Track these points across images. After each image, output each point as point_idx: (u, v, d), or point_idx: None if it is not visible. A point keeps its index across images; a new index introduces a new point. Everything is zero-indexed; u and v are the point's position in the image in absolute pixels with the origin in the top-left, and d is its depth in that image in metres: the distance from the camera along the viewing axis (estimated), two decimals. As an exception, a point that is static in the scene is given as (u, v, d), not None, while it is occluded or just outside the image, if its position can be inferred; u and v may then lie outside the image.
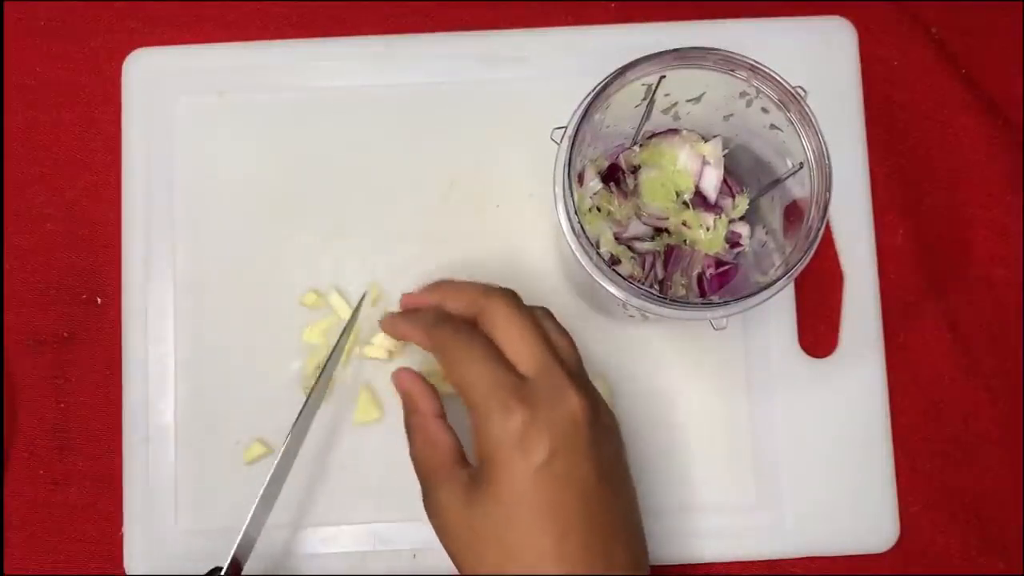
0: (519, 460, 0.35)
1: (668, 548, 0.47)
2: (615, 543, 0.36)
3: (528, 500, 0.35)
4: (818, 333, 0.49)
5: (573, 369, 0.39)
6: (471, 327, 0.39)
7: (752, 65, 0.39)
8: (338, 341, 0.46)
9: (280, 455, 0.43)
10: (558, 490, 0.35)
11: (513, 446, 0.35)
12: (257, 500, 0.42)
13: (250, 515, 0.42)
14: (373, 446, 0.48)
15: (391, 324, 0.43)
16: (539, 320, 0.39)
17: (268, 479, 0.43)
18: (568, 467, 0.35)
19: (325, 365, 0.45)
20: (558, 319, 0.41)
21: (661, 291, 0.45)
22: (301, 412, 0.44)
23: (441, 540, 0.38)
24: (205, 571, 0.42)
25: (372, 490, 0.48)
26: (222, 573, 0.41)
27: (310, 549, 0.47)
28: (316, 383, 0.44)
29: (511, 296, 0.39)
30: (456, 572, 0.47)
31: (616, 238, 0.45)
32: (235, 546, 0.42)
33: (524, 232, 0.49)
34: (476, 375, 0.37)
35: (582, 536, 0.35)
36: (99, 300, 0.50)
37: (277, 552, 0.47)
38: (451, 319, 0.40)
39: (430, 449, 0.39)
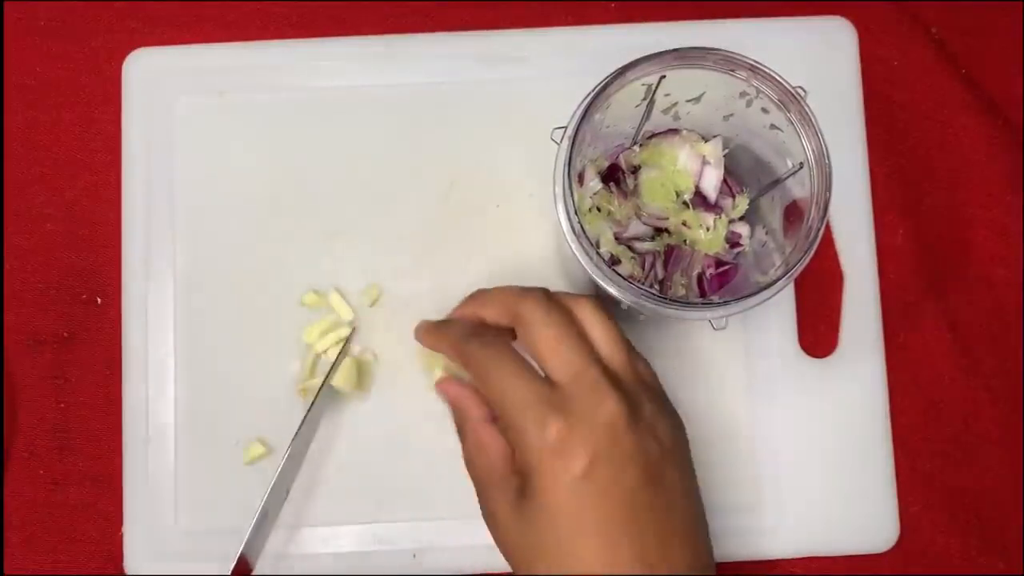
0: (559, 471, 0.34)
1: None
2: (670, 546, 0.35)
3: (572, 511, 0.34)
4: (818, 333, 0.49)
5: (614, 366, 0.37)
6: (500, 339, 0.38)
7: (752, 65, 0.39)
8: (340, 353, 0.46)
9: (284, 460, 0.43)
10: (602, 499, 0.34)
11: (552, 457, 0.34)
12: (261, 503, 0.43)
13: (255, 518, 0.42)
14: (373, 446, 0.48)
15: (424, 333, 0.42)
16: (578, 316, 0.38)
17: (272, 483, 0.43)
18: (610, 474, 0.34)
19: (322, 385, 0.45)
20: (602, 309, 0.39)
21: (661, 291, 0.45)
22: (304, 419, 0.44)
23: (496, 543, 0.38)
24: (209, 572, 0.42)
25: (372, 490, 0.48)
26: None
27: (310, 549, 0.47)
28: (319, 393, 0.45)
29: (543, 298, 0.38)
30: (457, 572, 0.47)
31: (616, 238, 0.45)
32: (242, 545, 0.42)
33: (524, 232, 0.49)
34: (508, 390, 0.36)
35: (632, 544, 0.34)
36: (99, 300, 0.50)
37: (277, 552, 0.47)
38: (479, 332, 0.39)
39: (482, 455, 0.38)
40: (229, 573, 0.41)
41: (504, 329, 0.39)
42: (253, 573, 0.43)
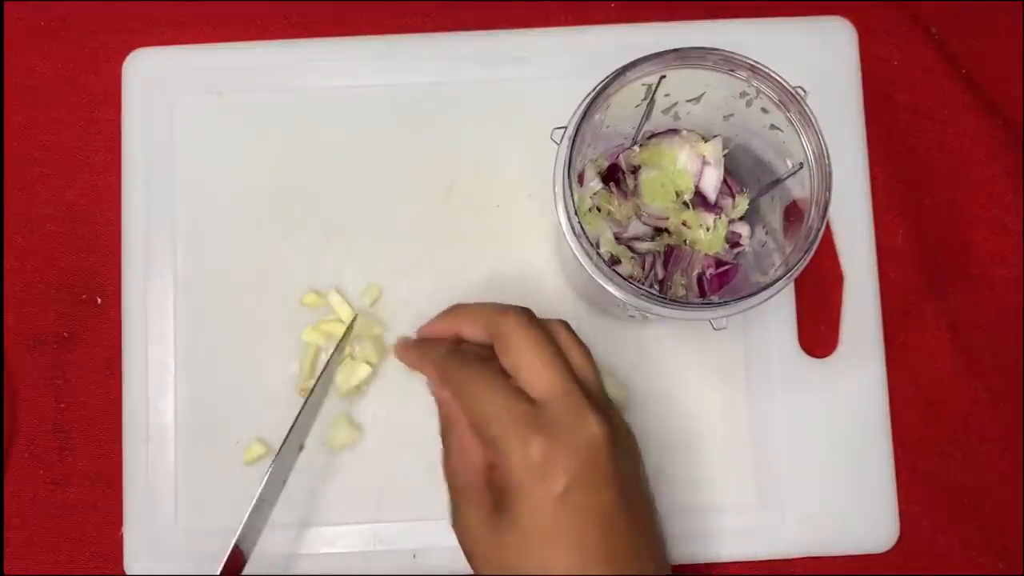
0: (539, 489, 0.35)
1: (668, 548, 0.47)
2: (638, 562, 0.36)
3: (549, 529, 0.35)
4: (818, 333, 0.49)
5: (591, 389, 0.38)
6: (480, 358, 0.38)
7: (752, 65, 0.39)
8: (334, 351, 0.46)
9: (275, 457, 0.43)
10: (578, 518, 0.35)
11: (532, 476, 0.35)
12: (254, 501, 0.42)
13: (246, 516, 0.42)
14: (374, 447, 0.48)
15: (403, 351, 0.42)
16: (555, 337, 0.38)
17: (264, 480, 0.43)
18: (588, 494, 0.35)
19: (320, 376, 0.45)
20: (574, 329, 0.40)
21: (661, 291, 0.45)
22: (297, 418, 0.44)
23: (466, 557, 0.38)
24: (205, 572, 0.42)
25: (372, 490, 0.48)
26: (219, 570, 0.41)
27: (310, 549, 0.47)
28: (311, 392, 0.45)
29: (524, 316, 0.38)
30: (457, 572, 0.47)
31: (616, 238, 0.45)
32: (231, 545, 0.42)
33: (524, 232, 0.49)
34: (490, 407, 0.36)
35: (604, 563, 0.35)
36: (99, 300, 0.50)
37: (277, 552, 0.47)
38: (459, 352, 0.39)
39: (463, 464, 0.38)
40: (220, 568, 0.41)
41: (482, 345, 0.39)
42: (245, 572, 0.42)
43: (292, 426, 0.44)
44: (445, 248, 0.49)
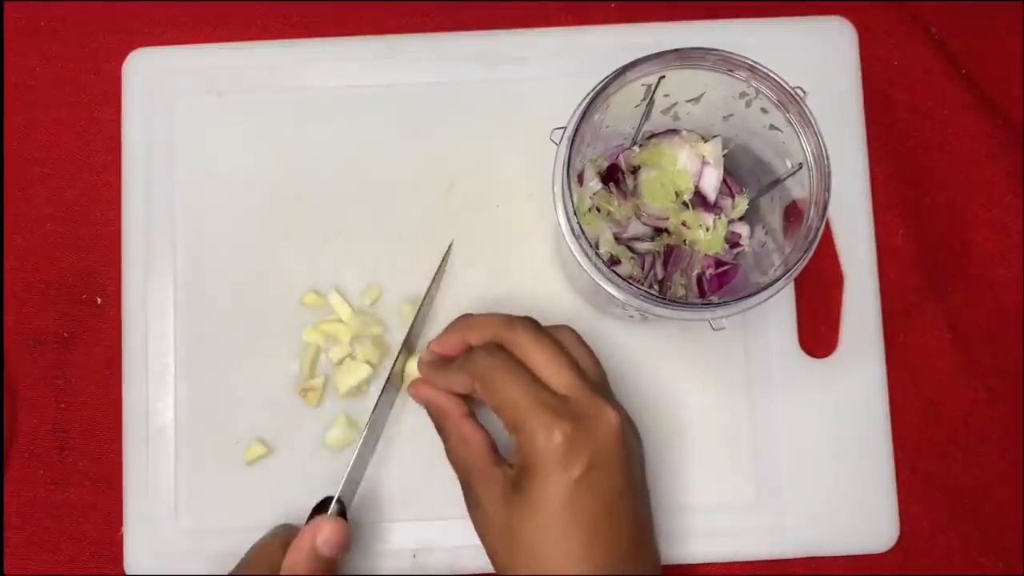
0: (558, 473, 0.37)
1: (668, 548, 0.47)
2: (638, 547, 0.39)
3: (562, 509, 0.37)
4: (818, 333, 0.49)
5: (601, 386, 0.40)
6: (504, 351, 0.40)
7: (751, 65, 0.39)
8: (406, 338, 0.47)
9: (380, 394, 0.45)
10: (591, 501, 0.37)
11: (554, 460, 0.37)
12: (362, 436, 0.45)
13: (354, 455, 0.44)
14: (374, 447, 0.48)
15: (429, 368, 0.44)
16: (563, 341, 0.41)
17: (370, 416, 0.45)
18: (602, 481, 0.38)
19: (397, 357, 0.46)
20: (580, 337, 0.42)
21: (661, 291, 0.45)
22: (380, 398, 0.46)
23: (478, 534, 0.41)
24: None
25: (373, 490, 0.48)
26: (334, 500, 0.43)
27: (310, 549, 0.47)
28: (390, 376, 0.46)
29: (532, 323, 0.41)
30: (457, 572, 0.47)
31: (616, 238, 0.45)
32: (344, 479, 0.44)
33: (524, 232, 0.49)
34: (516, 395, 0.38)
35: (609, 543, 0.38)
36: (99, 300, 0.50)
37: (277, 552, 0.47)
38: (484, 346, 0.41)
39: (464, 448, 0.41)
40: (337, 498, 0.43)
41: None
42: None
43: (394, 363, 0.46)
44: (445, 248, 0.49)
